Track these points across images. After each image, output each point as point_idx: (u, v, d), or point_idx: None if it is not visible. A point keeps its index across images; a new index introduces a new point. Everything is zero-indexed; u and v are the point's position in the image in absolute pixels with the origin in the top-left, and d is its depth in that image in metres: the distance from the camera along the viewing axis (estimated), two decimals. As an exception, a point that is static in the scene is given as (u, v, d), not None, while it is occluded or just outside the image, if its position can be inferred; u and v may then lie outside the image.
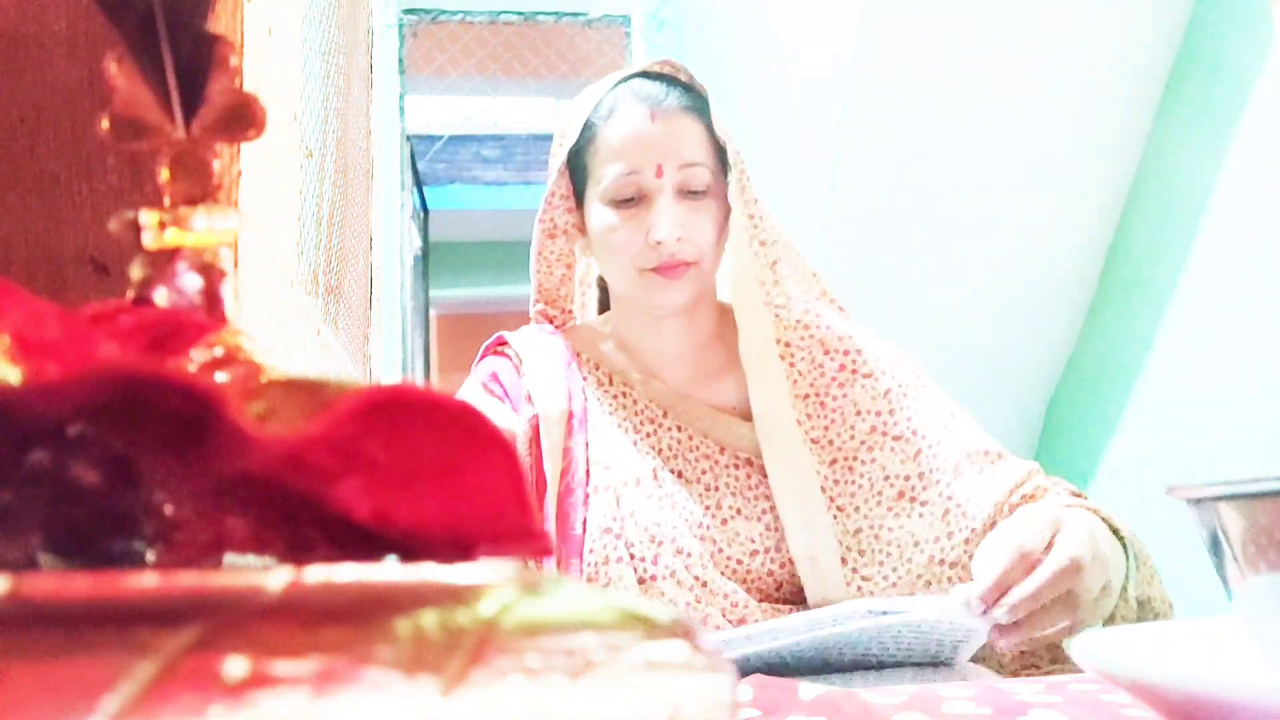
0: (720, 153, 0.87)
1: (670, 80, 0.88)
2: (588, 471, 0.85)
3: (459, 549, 0.21)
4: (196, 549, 0.21)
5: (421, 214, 4.09)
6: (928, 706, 0.46)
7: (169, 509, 0.21)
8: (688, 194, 0.85)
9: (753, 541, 0.85)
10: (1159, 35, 1.64)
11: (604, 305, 1.02)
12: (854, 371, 0.88)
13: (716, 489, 0.86)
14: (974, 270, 1.87)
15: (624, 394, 0.90)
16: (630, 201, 0.85)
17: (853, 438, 0.87)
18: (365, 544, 0.21)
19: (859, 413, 0.87)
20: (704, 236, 0.85)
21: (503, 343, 0.94)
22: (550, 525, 0.83)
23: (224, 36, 0.26)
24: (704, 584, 0.82)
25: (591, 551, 0.82)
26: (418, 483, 0.21)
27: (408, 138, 3.57)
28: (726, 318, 0.94)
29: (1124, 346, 1.78)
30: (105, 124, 0.26)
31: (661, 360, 0.92)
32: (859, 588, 0.83)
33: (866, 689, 0.53)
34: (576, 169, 0.90)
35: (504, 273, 6.50)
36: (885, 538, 0.84)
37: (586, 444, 0.87)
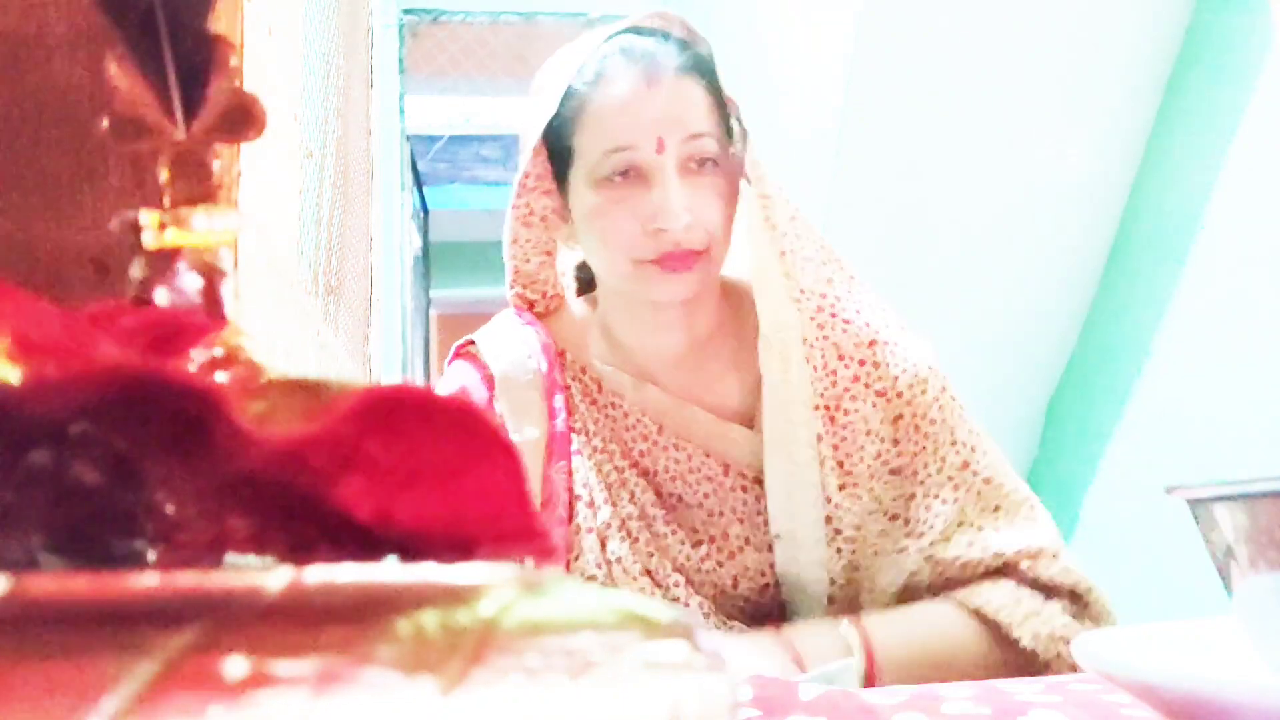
0: (725, 118, 0.76)
1: (666, 36, 0.75)
2: (570, 506, 0.76)
3: (460, 549, 0.21)
4: (196, 549, 0.21)
5: (421, 214, 4.09)
6: (928, 706, 0.46)
7: (169, 509, 0.21)
8: (693, 169, 0.73)
9: (763, 575, 0.76)
10: (1159, 35, 1.64)
11: (580, 292, 0.89)
12: (867, 385, 0.77)
13: (722, 514, 0.77)
14: (974, 270, 1.87)
15: (614, 405, 0.79)
16: (624, 182, 0.72)
17: (861, 460, 0.76)
18: (365, 544, 0.21)
19: (868, 432, 0.77)
20: (713, 218, 0.73)
21: (472, 345, 0.83)
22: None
23: (224, 36, 0.26)
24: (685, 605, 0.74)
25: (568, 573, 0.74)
26: (418, 483, 0.21)
27: (408, 138, 3.57)
28: (729, 302, 0.83)
29: (1124, 347, 1.77)
30: (105, 124, 0.26)
31: (658, 361, 0.80)
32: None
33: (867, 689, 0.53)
34: (556, 146, 0.77)
35: (504, 273, 6.49)
36: (865, 571, 0.76)
37: (569, 472, 0.77)
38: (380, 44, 2.35)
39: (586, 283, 0.88)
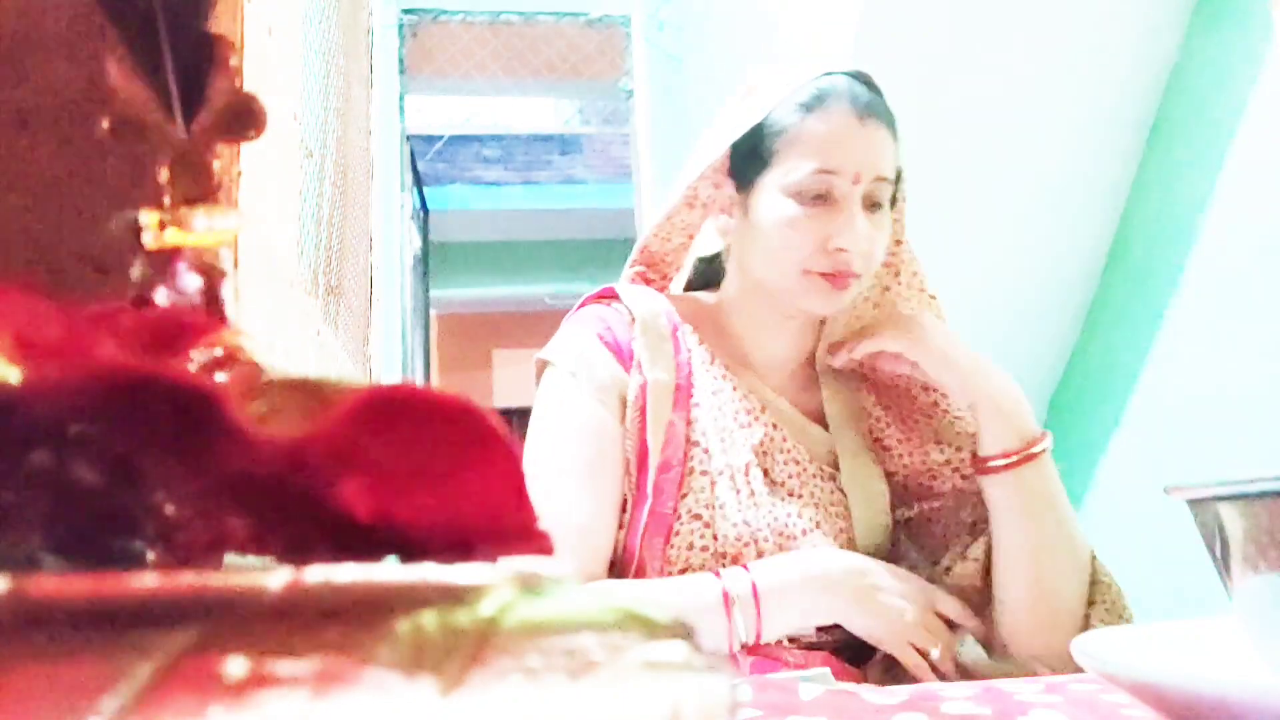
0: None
1: (874, 88, 0.85)
2: (686, 451, 0.83)
3: (459, 549, 0.21)
4: (196, 549, 0.21)
5: (421, 214, 4.09)
6: (928, 707, 0.46)
7: (169, 509, 0.21)
8: (870, 207, 0.82)
9: None
10: (1159, 36, 1.64)
11: (688, 287, 0.99)
12: (944, 411, 0.89)
13: (799, 496, 0.84)
14: (975, 268, 1.87)
15: (724, 377, 0.87)
16: (817, 200, 0.81)
17: (925, 464, 0.88)
18: (365, 544, 0.21)
19: (939, 442, 0.88)
20: (876, 253, 0.83)
21: (614, 296, 0.90)
22: (647, 497, 0.80)
23: (224, 36, 0.26)
24: None
25: (678, 534, 0.80)
26: (418, 482, 0.21)
27: (408, 138, 3.57)
28: (823, 327, 0.94)
29: (1125, 345, 1.77)
30: (105, 124, 0.26)
31: (763, 361, 0.90)
32: None
33: (867, 689, 0.53)
34: (751, 148, 0.85)
35: (504, 273, 6.51)
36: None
37: (688, 421, 0.84)
38: (380, 44, 2.35)
39: (700, 275, 0.98)
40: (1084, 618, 0.79)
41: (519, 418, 0.88)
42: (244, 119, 0.27)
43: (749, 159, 0.85)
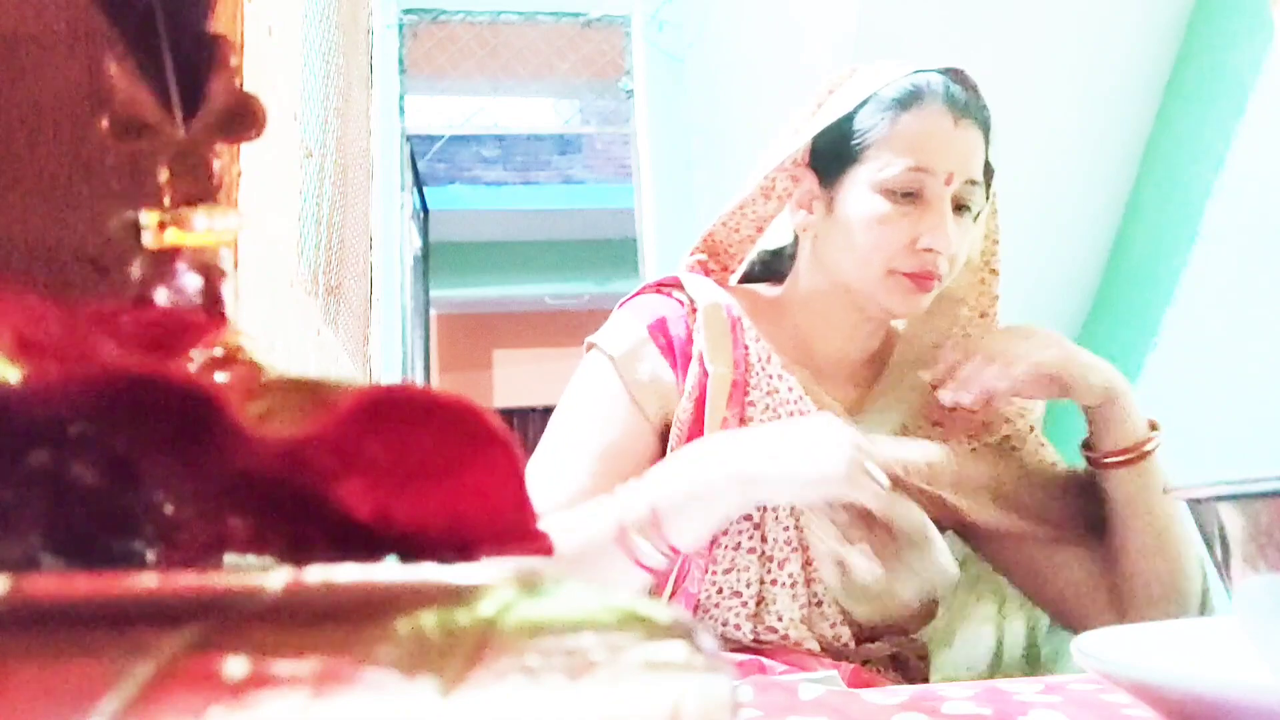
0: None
1: (969, 86, 0.84)
2: None
3: (459, 549, 0.21)
4: (196, 549, 0.21)
5: (421, 214, 4.09)
6: (928, 707, 0.46)
7: (169, 509, 0.21)
8: (957, 209, 0.81)
9: None
10: (1159, 35, 1.64)
11: (744, 279, 0.96)
12: (1009, 441, 0.91)
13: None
14: (974, 270, 1.87)
15: (780, 377, 0.84)
16: (907, 198, 0.79)
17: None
18: (365, 544, 0.21)
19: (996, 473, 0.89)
20: (961, 257, 0.83)
21: (676, 285, 0.88)
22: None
23: (224, 36, 0.26)
24: (819, 604, 0.80)
25: (726, 534, 0.78)
26: (418, 483, 0.21)
27: (408, 138, 3.57)
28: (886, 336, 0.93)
29: (1125, 346, 1.78)
30: (105, 124, 0.26)
31: (822, 360, 0.88)
32: None
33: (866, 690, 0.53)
34: (838, 144, 0.82)
35: (504, 273, 6.51)
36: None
37: (742, 419, 0.82)
38: (380, 44, 2.35)
39: (763, 267, 0.95)
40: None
41: (519, 418, 0.87)
42: (244, 119, 0.27)
43: (835, 153, 0.83)
